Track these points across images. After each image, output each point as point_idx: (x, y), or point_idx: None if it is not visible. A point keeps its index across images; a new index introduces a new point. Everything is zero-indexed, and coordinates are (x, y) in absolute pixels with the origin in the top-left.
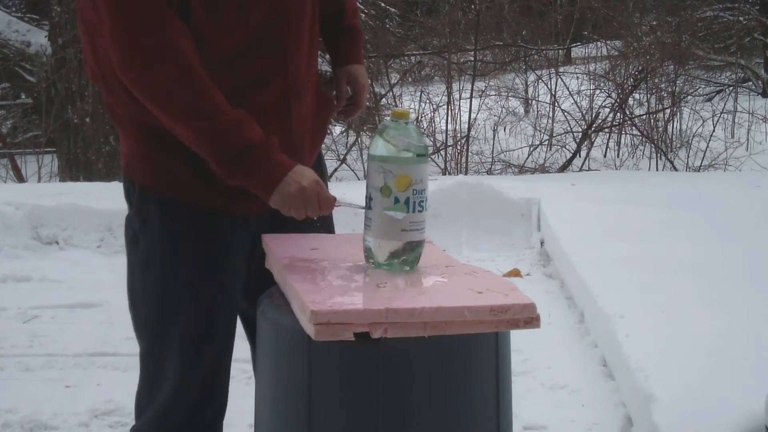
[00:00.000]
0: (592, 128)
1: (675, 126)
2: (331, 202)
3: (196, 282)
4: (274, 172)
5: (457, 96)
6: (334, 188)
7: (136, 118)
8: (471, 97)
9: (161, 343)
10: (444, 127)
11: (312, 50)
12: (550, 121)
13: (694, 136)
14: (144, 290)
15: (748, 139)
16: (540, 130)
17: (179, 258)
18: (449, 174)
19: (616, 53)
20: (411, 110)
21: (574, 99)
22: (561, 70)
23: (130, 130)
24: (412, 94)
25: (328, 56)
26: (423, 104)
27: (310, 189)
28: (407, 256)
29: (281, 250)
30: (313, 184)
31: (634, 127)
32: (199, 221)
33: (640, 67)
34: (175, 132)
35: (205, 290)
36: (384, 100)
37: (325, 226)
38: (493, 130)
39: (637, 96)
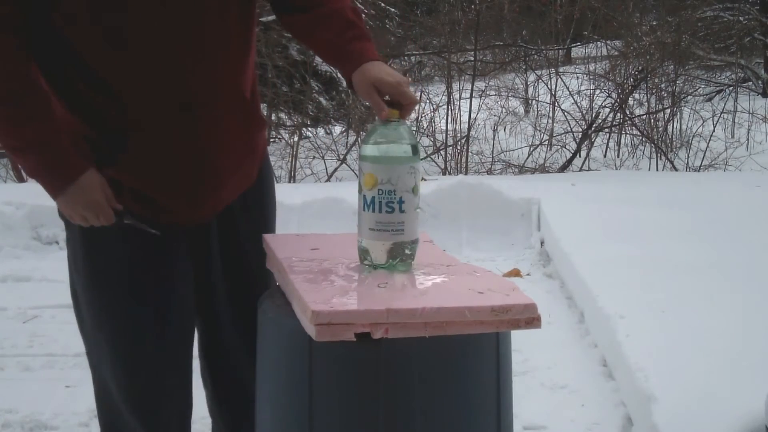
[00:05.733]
0: (592, 128)
1: (675, 126)
2: (110, 217)
3: (117, 291)
4: (58, 178)
5: (457, 96)
6: (335, 188)
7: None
8: (471, 97)
9: (97, 349)
10: (444, 127)
11: (234, 65)
12: (550, 121)
13: (694, 136)
14: (79, 290)
15: (748, 139)
16: (540, 130)
17: (100, 261)
18: (449, 174)
19: (616, 53)
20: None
21: (574, 99)
22: (561, 70)
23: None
24: None
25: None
26: (423, 104)
27: (90, 206)
28: (380, 256)
29: (282, 250)
30: (92, 202)
31: (634, 127)
32: (121, 226)
33: (640, 67)
34: None
35: (130, 295)
36: None
37: (264, 225)
38: (493, 130)
39: (637, 96)
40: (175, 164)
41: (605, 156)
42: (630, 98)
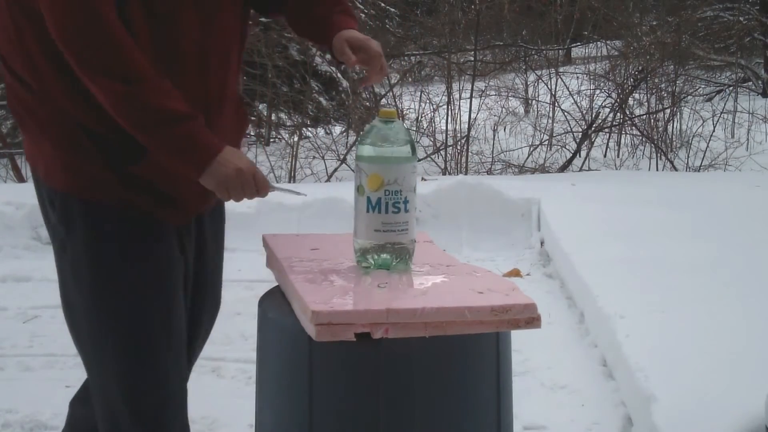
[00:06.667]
0: (592, 128)
1: (675, 126)
2: (267, 184)
3: (126, 288)
4: (205, 150)
5: (457, 96)
6: (335, 188)
7: (61, 115)
8: (471, 97)
9: (100, 355)
10: (444, 127)
11: (236, 71)
12: (550, 121)
13: (694, 136)
14: (78, 299)
15: (748, 139)
16: (540, 130)
17: (108, 262)
18: (449, 174)
19: (616, 53)
20: (411, 110)
21: (574, 99)
22: (561, 70)
23: (48, 134)
24: (412, 94)
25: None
26: (423, 104)
27: (248, 170)
28: (386, 257)
29: (282, 250)
30: (250, 166)
31: (634, 127)
32: (125, 222)
33: (640, 67)
34: (102, 98)
35: (138, 296)
36: (384, 100)
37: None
38: (493, 130)
39: (637, 96)
40: None
41: (605, 156)
42: (630, 98)
